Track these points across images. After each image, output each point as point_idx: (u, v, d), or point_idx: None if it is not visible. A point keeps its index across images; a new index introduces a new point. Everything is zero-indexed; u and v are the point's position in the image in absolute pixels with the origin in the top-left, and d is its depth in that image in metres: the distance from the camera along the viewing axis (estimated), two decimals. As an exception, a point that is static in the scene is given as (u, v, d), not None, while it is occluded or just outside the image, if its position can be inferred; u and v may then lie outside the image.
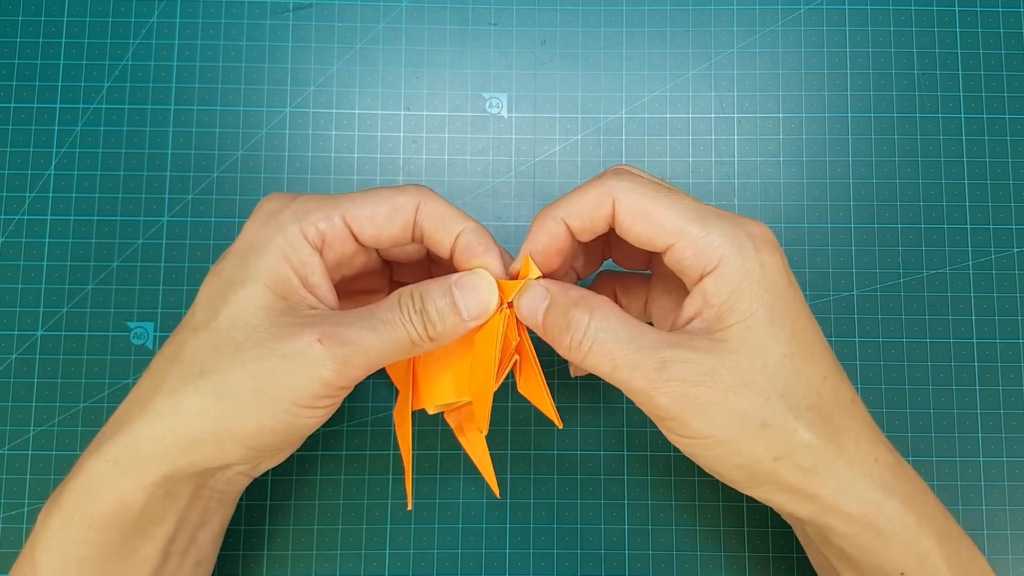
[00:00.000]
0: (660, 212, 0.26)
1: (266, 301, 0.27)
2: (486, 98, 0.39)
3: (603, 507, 0.36)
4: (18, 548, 0.36)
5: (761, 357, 0.26)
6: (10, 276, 0.37)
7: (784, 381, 0.26)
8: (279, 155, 0.38)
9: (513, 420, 0.37)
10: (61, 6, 0.39)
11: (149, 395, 0.27)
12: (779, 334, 0.26)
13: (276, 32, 0.39)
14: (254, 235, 0.28)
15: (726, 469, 0.27)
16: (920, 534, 0.26)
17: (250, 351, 0.26)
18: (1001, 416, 0.37)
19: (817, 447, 0.26)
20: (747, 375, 0.25)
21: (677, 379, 0.25)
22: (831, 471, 0.26)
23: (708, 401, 0.25)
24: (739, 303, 0.26)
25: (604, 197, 0.27)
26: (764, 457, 0.26)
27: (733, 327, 0.26)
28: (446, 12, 0.39)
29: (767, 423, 0.25)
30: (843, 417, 0.26)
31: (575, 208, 0.28)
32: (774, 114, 0.38)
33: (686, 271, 0.27)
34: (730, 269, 0.26)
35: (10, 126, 0.38)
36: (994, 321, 0.37)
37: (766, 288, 0.26)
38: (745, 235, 0.26)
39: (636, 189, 0.27)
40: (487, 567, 0.36)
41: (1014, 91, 0.38)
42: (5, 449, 0.36)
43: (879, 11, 0.39)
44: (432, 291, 0.28)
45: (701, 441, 0.26)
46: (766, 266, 0.26)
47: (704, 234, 0.26)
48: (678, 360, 0.25)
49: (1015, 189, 0.38)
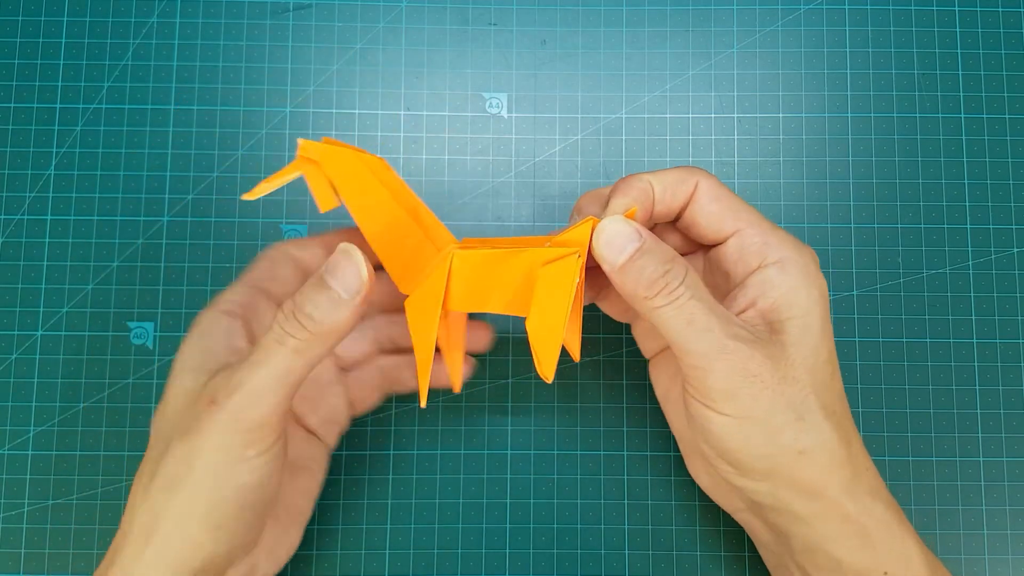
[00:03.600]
0: (735, 201, 0.29)
1: (188, 384, 0.27)
2: (486, 98, 0.39)
3: (603, 507, 0.36)
4: (18, 548, 0.36)
5: (813, 356, 0.27)
6: (10, 276, 0.37)
7: (823, 383, 0.27)
8: (279, 155, 0.38)
9: (513, 420, 0.37)
10: (61, 6, 0.39)
11: (125, 522, 0.27)
12: (827, 340, 0.28)
13: (276, 32, 0.39)
14: (181, 347, 0.28)
15: (749, 456, 0.27)
16: (903, 535, 0.28)
17: (175, 437, 0.26)
18: (1001, 416, 0.37)
19: (836, 448, 0.27)
20: (798, 369, 0.27)
21: (745, 354, 0.26)
22: (840, 472, 0.27)
23: (762, 383, 0.26)
24: (798, 299, 0.27)
25: (690, 175, 0.29)
26: (791, 448, 0.27)
27: (791, 321, 0.27)
28: (446, 12, 0.39)
29: (803, 417, 0.27)
30: (850, 426, 0.28)
31: (662, 176, 0.29)
32: (774, 114, 0.38)
33: (744, 258, 0.28)
34: (793, 266, 0.27)
35: (10, 126, 0.38)
36: (994, 321, 0.37)
37: (822, 294, 0.28)
38: (806, 249, 0.28)
39: (715, 179, 0.29)
40: (487, 567, 0.36)
41: (1014, 91, 0.38)
42: (5, 449, 0.36)
43: (879, 11, 0.39)
44: (305, 289, 0.26)
45: (739, 420, 0.26)
46: (820, 281, 0.28)
47: (772, 230, 0.28)
48: (749, 338, 0.26)
49: (1015, 189, 0.38)
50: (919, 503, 0.36)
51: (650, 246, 0.26)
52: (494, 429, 0.37)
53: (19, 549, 0.36)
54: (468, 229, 0.38)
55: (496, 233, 0.38)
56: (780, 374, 0.26)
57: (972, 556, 0.36)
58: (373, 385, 0.33)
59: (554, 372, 0.27)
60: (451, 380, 0.32)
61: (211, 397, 0.25)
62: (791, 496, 0.27)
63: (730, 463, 0.28)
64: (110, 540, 0.36)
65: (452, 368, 0.31)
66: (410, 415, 0.37)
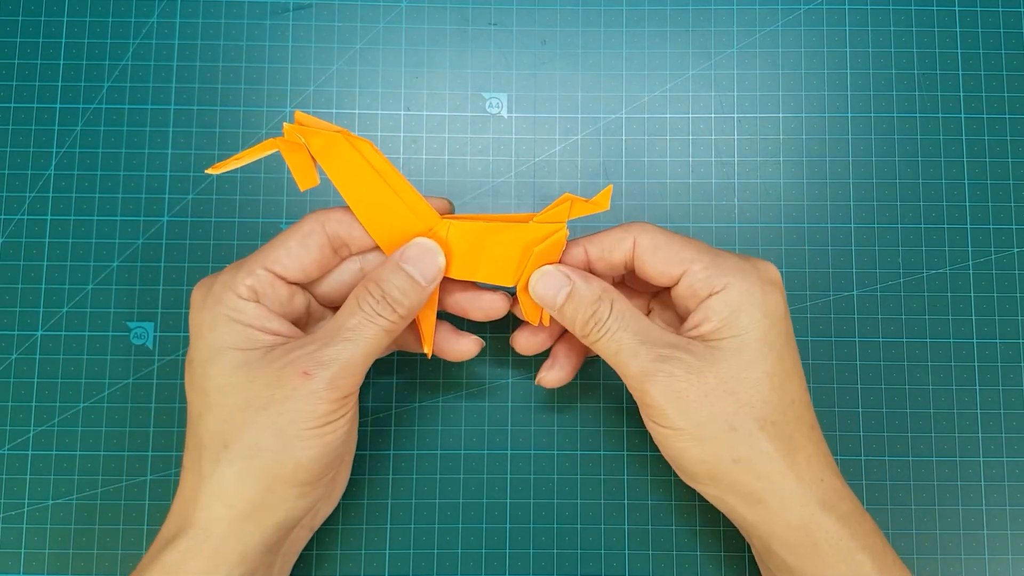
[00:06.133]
0: (677, 244, 0.30)
1: (239, 360, 0.28)
2: (486, 98, 0.39)
3: (603, 507, 0.36)
4: (18, 548, 0.36)
5: (746, 370, 0.29)
6: (10, 276, 0.37)
7: (759, 396, 0.29)
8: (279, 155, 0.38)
9: (513, 420, 0.37)
10: (61, 6, 0.39)
11: (193, 488, 0.28)
12: (767, 355, 0.29)
13: (276, 32, 0.39)
14: (199, 320, 0.29)
15: (689, 463, 0.29)
16: (854, 549, 0.29)
17: (252, 408, 0.28)
18: (1001, 416, 0.37)
19: (773, 457, 0.29)
20: (729, 383, 0.28)
21: (667, 373, 0.28)
22: (781, 481, 0.29)
23: (689, 397, 0.28)
24: (738, 320, 0.29)
25: (626, 233, 0.31)
26: (725, 457, 0.29)
27: (728, 340, 0.29)
28: (446, 12, 0.39)
29: (735, 427, 0.28)
30: (800, 438, 0.29)
31: (598, 240, 0.31)
32: (774, 114, 0.38)
33: (696, 293, 0.30)
34: (735, 292, 0.29)
35: (10, 126, 0.38)
36: (994, 321, 0.37)
37: (764, 314, 0.29)
38: (752, 268, 0.30)
39: (655, 229, 0.31)
40: (487, 567, 0.36)
41: (1014, 91, 0.38)
42: (5, 449, 0.36)
43: (879, 11, 0.39)
44: (385, 275, 0.29)
45: (675, 432, 0.29)
46: (768, 296, 0.29)
47: (717, 261, 0.30)
48: (673, 357, 0.29)
49: (1015, 189, 0.38)
50: (919, 503, 0.36)
51: (578, 290, 0.30)
52: (494, 429, 0.37)
53: (19, 549, 0.36)
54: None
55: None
56: (707, 388, 0.28)
57: (972, 556, 0.36)
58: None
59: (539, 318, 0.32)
60: (424, 344, 0.33)
61: (303, 369, 0.28)
62: (735, 501, 0.29)
63: (679, 469, 0.31)
64: (110, 540, 0.36)
65: (426, 333, 0.33)
66: (410, 415, 0.37)
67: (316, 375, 0.27)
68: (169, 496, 0.36)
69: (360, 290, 0.29)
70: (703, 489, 0.30)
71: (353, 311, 0.29)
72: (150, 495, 0.36)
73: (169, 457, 0.36)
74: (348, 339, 0.28)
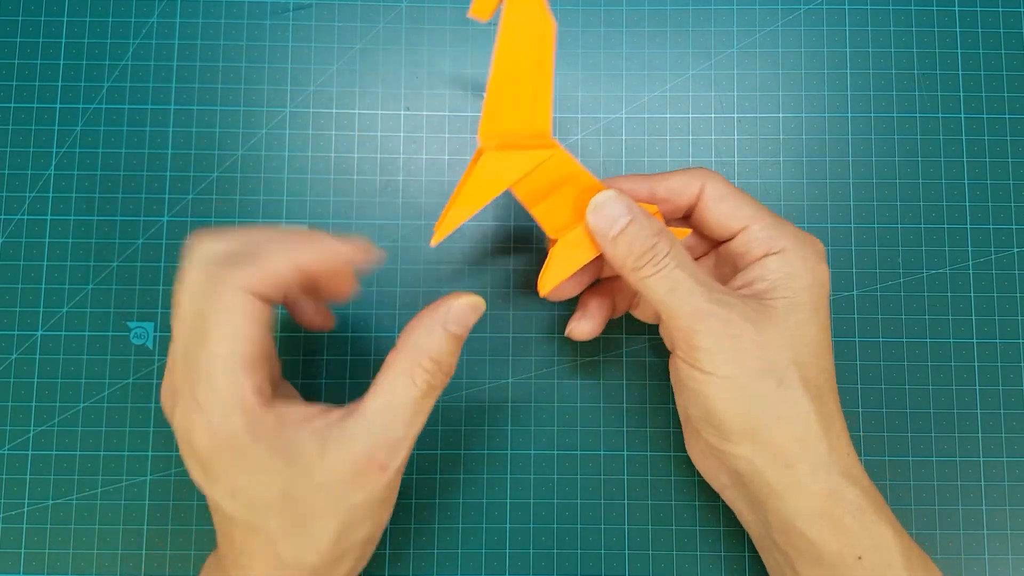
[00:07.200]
0: (742, 199, 0.31)
1: (255, 383, 0.26)
2: (486, 98, 0.38)
3: (603, 507, 0.36)
4: (18, 548, 0.36)
5: (798, 330, 0.29)
6: (10, 276, 0.37)
7: (807, 358, 0.29)
8: (279, 155, 0.38)
9: (513, 420, 0.37)
10: (61, 6, 0.39)
11: None
12: (815, 322, 0.29)
13: (276, 32, 0.39)
14: (225, 328, 0.27)
15: (730, 415, 0.28)
16: (878, 521, 0.28)
17: (330, 506, 0.27)
18: (1001, 416, 0.37)
19: (812, 421, 0.28)
20: (782, 339, 0.28)
21: (724, 317, 0.28)
22: (815, 446, 0.28)
23: (745, 344, 0.28)
24: (792, 283, 0.29)
25: (694, 178, 0.31)
26: (771, 412, 0.28)
27: (781, 300, 0.29)
28: (446, 12, 0.39)
29: (783, 383, 0.28)
30: (834, 409, 0.30)
31: (667, 180, 0.31)
32: (774, 114, 0.38)
33: (751, 250, 0.30)
34: (793, 256, 0.29)
35: (10, 126, 0.38)
36: (994, 321, 0.37)
37: (816, 282, 0.29)
38: (808, 240, 0.30)
39: (722, 179, 0.31)
40: (487, 567, 0.36)
41: (1014, 91, 0.38)
42: (5, 449, 0.36)
43: (879, 11, 0.39)
44: (435, 346, 0.28)
45: (721, 380, 0.28)
46: (819, 266, 0.30)
47: (777, 224, 0.30)
48: (730, 302, 0.28)
49: (1015, 189, 0.38)
50: (919, 503, 0.36)
51: (639, 220, 0.29)
52: (494, 429, 0.37)
53: (19, 549, 0.36)
54: (467, 228, 0.38)
55: (495, 232, 0.38)
56: (761, 339, 0.28)
57: (972, 556, 0.36)
58: None
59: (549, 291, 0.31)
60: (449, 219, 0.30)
61: (381, 464, 0.27)
62: (766, 463, 0.29)
63: (713, 425, 0.29)
64: (110, 540, 0.36)
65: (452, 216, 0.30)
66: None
67: (392, 467, 0.27)
68: (169, 496, 0.36)
69: (411, 365, 0.28)
70: (733, 449, 0.29)
71: (408, 387, 0.27)
72: (150, 495, 0.36)
73: (169, 457, 0.36)
74: (410, 421, 0.27)
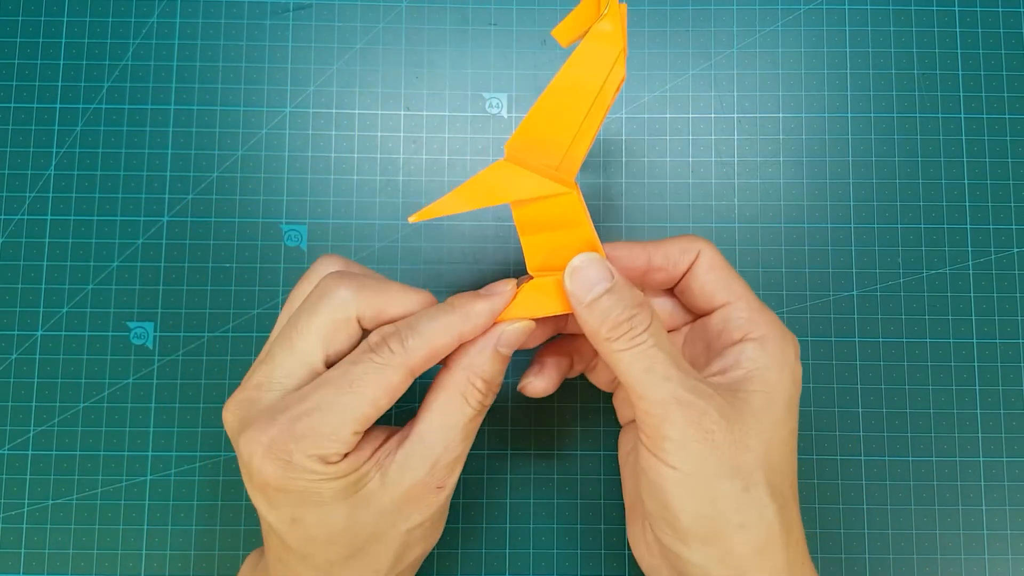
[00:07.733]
0: (731, 274, 0.29)
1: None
2: (486, 98, 0.39)
3: (603, 507, 0.36)
4: (18, 548, 0.36)
5: (770, 431, 0.27)
6: (10, 276, 0.37)
7: (776, 463, 0.27)
8: (279, 155, 0.38)
9: (513, 420, 0.37)
10: (61, 6, 0.39)
11: None
12: (788, 422, 0.27)
13: (276, 32, 0.39)
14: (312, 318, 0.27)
15: (690, 516, 0.26)
16: None
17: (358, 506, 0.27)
18: (1001, 416, 0.37)
19: (775, 530, 0.26)
20: (754, 439, 0.26)
21: (701, 409, 0.26)
22: (773, 557, 0.27)
23: (717, 441, 0.26)
24: (770, 376, 0.27)
25: (692, 244, 0.29)
26: (733, 519, 0.26)
27: (756, 394, 0.27)
28: (446, 12, 0.39)
29: (749, 489, 0.26)
30: (794, 514, 0.28)
31: (665, 246, 0.30)
32: (774, 114, 0.38)
33: (731, 331, 0.28)
34: (773, 347, 0.28)
35: (10, 126, 0.38)
36: (994, 321, 0.37)
37: (792, 379, 0.28)
38: (788, 335, 0.29)
39: (715, 249, 0.30)
40: (487, 567, 0.36)
41: (1014, 91, 0.38)
42: (5, 449, 0.36)
43: (879, 11, 0.39)
44: (487, 366, 0.28)
45: (686, 475, 0.26)
46: (796, 367, 0.28)
47: (761, 308, 0.29)
48: (708, 394, 0.26)
49: (1015, 189, 0.38)
50: (919, 503, 0.36)
51: (619, 289, 0.27)
52: (494, 429, 0.37)
53: (19, 549, 0.36)
54: (468, 229, 0.38)
55: (495, 232, 0.38)
56: (733, 437, 0.26)
57: (972, 556, 0.36)
58: None
59: None
60: None
61: (439, 485, 0.27)
62: (718, 569, 0.27)
63: (668, 523, 0.27)
64: (110, 540, 0.36)
65: None
66: (410, 416, 0.37)
67: (448, 485, 0.28)
68: (169, 496, 0.36)
69: (464, 387, 0.27)
70: (688, 554, 0.27)
71: (462, 408, 0.27)
72: (150, 495, 0.36)
73: (169, 457, 0.36)
74: (466, 439, 0.28)
